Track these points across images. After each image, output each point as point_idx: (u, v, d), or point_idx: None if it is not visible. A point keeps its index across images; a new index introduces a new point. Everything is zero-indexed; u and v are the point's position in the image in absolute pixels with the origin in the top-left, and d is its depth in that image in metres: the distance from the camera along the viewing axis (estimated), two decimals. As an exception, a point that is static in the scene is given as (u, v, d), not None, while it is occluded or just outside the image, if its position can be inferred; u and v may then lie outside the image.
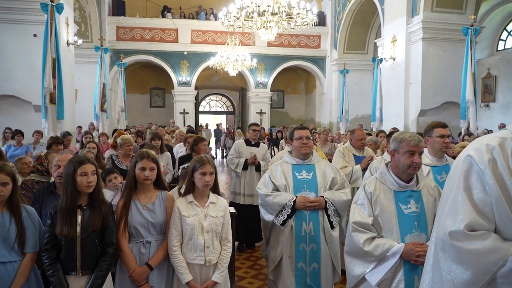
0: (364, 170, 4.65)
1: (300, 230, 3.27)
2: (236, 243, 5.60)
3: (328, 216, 3.30)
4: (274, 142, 12.98)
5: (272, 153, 7.53)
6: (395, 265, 2.39)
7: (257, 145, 6.04)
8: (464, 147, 4.94)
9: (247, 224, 5.77)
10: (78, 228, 2.48)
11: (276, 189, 3.38)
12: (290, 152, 3.57)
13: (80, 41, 12.06)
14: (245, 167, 5.87)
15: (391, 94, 11.76)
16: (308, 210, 3.25)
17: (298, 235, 3.27)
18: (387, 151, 3.82)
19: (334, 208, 3.32)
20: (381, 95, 11.89)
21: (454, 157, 5.53)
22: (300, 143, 3.39)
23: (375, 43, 14.18)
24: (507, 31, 14.76)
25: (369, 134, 8.19)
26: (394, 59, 11.62)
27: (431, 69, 10.63)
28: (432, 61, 10.64)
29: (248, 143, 6.04)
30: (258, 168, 5.90)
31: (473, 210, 1.37)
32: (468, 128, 8.71)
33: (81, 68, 13.34)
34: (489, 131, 11.43)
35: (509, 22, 14.68)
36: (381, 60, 12.05)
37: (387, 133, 6.45)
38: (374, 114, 12.07)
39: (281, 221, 3.27)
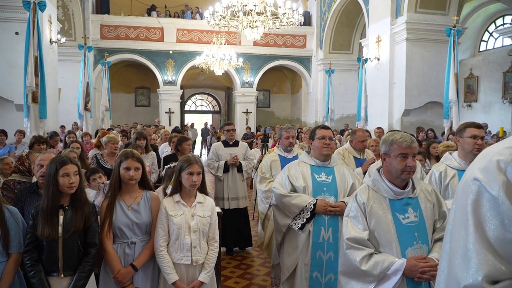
0: (365, 173, 4.41)
1: (318, 236, 3.01)
2: (223, 249, 5.48)
3: None
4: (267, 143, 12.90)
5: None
6: (397, 284, 2.17)
7: (235, 144, 5.77)
8: (448, 146, 4.95)
9: (236, 228, 5.64)
10: (60, 229, 2.44)
11: (293, 190, 3.16)
12: (307, 152, 3.36)
13: (63, 39, 11.88)
14: (226, 169, 5.58)
15: (375, 94, 11.88)
16: (328, 215, 3.01)
17: (315, 241, 3.01)
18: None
19: None
20: (366, 95, 12.01)
21: (438, 157, 5.60)
22: (322, 143, 3.15)
23: (360, 43, 14.29)
24: (488, 32, 15.04)
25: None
26: (378, 59, 11.74)
27: (415, 69, 10.76)
28: (416, 62, 10.78)
29: (226, 144, 5.76)
30: (240, 169, 5.66)
31: (489, 254, 0.99)
32: (451, 128, 8.84)
33: (64, 67, 13.14)
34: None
35: (490, 24, 14.96)
36: (366, 60, 12.15)
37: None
38: (359, 113, 12.17)
39: (300, 225, 3.03)
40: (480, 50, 15.30)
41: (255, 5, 8.63)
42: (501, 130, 11.62)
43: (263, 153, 7.34)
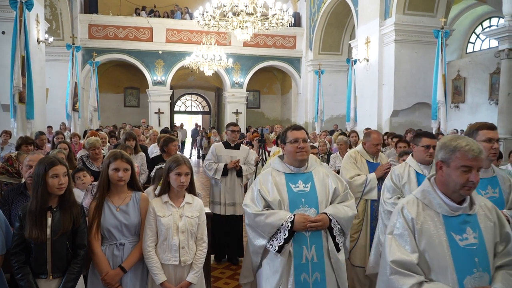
0: (379, 179, 4.07)
1: (300, 257, 2.60)
2: (212, 255, 5.13)
3: (333, 237, 2.67)
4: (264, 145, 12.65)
5: (264, 158, 6.98)
6: None
7: (237, 147, 5.40)
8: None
9: (229, 237, 5.31)
10: (48, 231, 2.41)
11: (267, 205, 2.70)
12: (280, 157, 2.91)
13: (51, 39, 11.75)
14: (225, 172, 5.21)
15: (365, 94, 11.97)
16: (309, 231, 2.61)
17: (298, 263, 2.60)
18: (411, 154, 3.52)
19: (339, 226, 2.70)
20: (355, 95, 12.10)
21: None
22: (295, 147, 2.72)
23: (349, 45, 14.39)
24: (475, 34, 15.25)
25: (344, 134, 8.33)
26: (367, 60, 11.82)
27: (403, 71, 10.87)
28: (404, 63, 10.88)
29: (227, 145, 5.37)
30: (239, 173, 5.30)
31: None
32: (439, 128, 8.95)
33: (52, 67, 13.01)
34: (460, 131, 11.79)
35: (477, 26, 15.17)
36: (355, 61, 12.24)
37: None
38: (348, 114, 12.26)
39: (277, 247, 2.60)
40: (468, 51, 15.51)
41: (246, 6, 8.64)
42: (488, 130, 11.77)
43: (260, 154, 7.17)
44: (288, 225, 2.57)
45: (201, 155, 19.29)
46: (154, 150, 6.86)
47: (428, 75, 9.96)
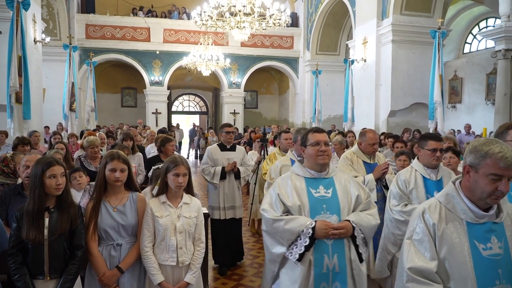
0: (377, 180, 3.97)
1: (321, 266, 2.44)
2: (215, 265, 5.13)
3: (356, 247, 2.51)
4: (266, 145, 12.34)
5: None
6: None
7: (233, 148, 5.25)
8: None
9: (230, 241, 5.15)
10: (46, 231, 2.41)
11: (287, 210, 2.56)
12: (300, 161, 2.80)
13: (48, 39, 11.70)
14: (223, 176, 5.07)
15: (362, 95, 11.98)
16: (331, 239, 2.45)
17: (318, 272, 2.44)
18: (417, 157, 3.45)
19: (362, 235, 2.54)
20: (353, 95, 12.10)
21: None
22: (317, 151, 2.59)
23: (347, 45, 14.40)
24: (472, 34, 15.31)
25: (342, 134, 8.33)
26: (365, 60, 11.84)
27: (401, 71, 10.89)
28: (401, 63, 10.90)
29: (222, 147, 5.23)
30: (237, 176, 5.17)
31: None
32: (436, 129, 8.96)
33: (49, 67, 12.96)
34: (457, 131, 11.83)
35: (474, 26, 15.22)
36: (352, 62, 12.25)
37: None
38: (346, 114, 12.27)
39: (297, 255, 2.44)
40: (464, 52, 15.56)
41: (243, 6, 8.63)
42: (485, 131, 11.83)
43: (262, 154, 7.00)
44: (309, 232, 2.42)
45: (198, 155, 19.29)
46: (151, 150, 6.86)
47: (425, 75, 9.98)
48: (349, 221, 2.50)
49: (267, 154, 6.77)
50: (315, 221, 2.45)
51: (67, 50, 11.37)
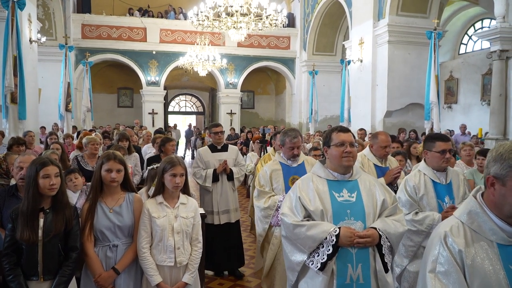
0: (388, 185, 3.66)
1: (344, 277, 2.26)
2: (211, 273, 4.92)
3: (382, 256, 2.31)
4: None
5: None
6: None
7: (224, 149, 5.00)
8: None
9: (227, 247, 4.87)
10: (40, 232, 2.40)
11: (308, 215, 2.39)
12: (322, 162, 2.61)
13: (43, 39, 11.67)
14: (215, 178, 4.81)
15: (358, 95, 12.01)
16: (356, 247, 2.27)
17: (341, 283, 2.26)
18: (424, 159, 3.23)
19: (389, 244, 2.35)
20: (349, 96, 12.14)
21: (418, 157, 5.68)
22: (341, 152, 2.40)
23: (343, 45, 14.43)
24: (468, 35, 15.37)
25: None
26: (361, 61, 11.87)
27: (397, 71, 10.92)
28: (397, 64, 10.93)
29: (213, 149, 4.96)
30: (230, 177, 4.90)
31: None
32: (432, 129, 8.99)
33: (44, 67, 12.91)
34: (451, 131, 11.88)
35: (470, 27, 15.29)
36: (349, 62, 12.28)
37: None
38: (342, 115, 12.29)
39: (319, 264, 2.27)
40: (460, 52, 15.63)
41: (241, 6, 8.63)
42: (480, 131, 11.89)
43: (261, 156, 6.75)
44: (333, 240, 2.24)
45: (195, 155, 19.22)
46: (148, 150, 6.83)
47: (421, 76, 10.02)
48: (375, 228, 2.30)
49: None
50: (339, 228, 2.27)
51: (63, 50, 11.33)
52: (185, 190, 2.92)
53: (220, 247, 4.84)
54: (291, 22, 17.41)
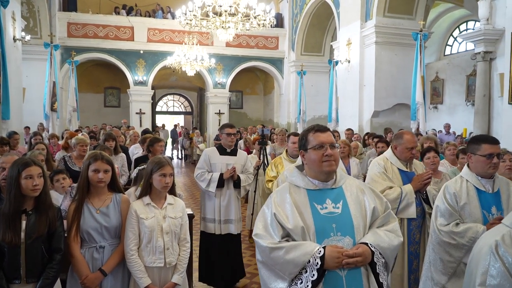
0: (416, 192, 3.32)
1: None
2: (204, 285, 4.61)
3: (376, 275, 1.96)
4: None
5: (266, 162, 6.13)
6: None
7: (234, 153, 4.56)
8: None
9: (226, 260, 4.53)
10: (22, 234, 2.35)
11: (286, 234, 1.99)
12: (299, 167, 2.22)
13: (28, 37, 11.48)
14: (220, 184, 4.38)
15: (346, 95, 12.08)
16: (346, 268, 1.91)
17: None
18: (467, 164, 2.84)
19: (383, 260, 2.00)
20: (337, 96, 12.21)
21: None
22: (321, 155, 2.03)
23: (331, 46, 14.50)
24: (453, 37, 15.59)
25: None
26: (349, 61, 11.94)
27: (384, 72, 11.02)
28: (384, 64, 11.03)
29: (222, 151, 4.53)
30: (237, 184, 4.48)
31: None
32: (418, 129, 9.10)
33: (29, 66, 12.70)
34: (438, 132, 12.03)
35: (455, 29, 15.51)
36: (336, 63, 12.35)
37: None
38: (330, 115, 12.36)
39: None
40: (445, 54, 15.84)
41: (230, 6, 8.61)
42: (465, 131, 12.07)
43: (261, 158, 6.38)
44: (317, 263, 1.86)
45: (183, 155, 19.21)
46: (135, 151, 6.77)
47: (408, 77, 10.12)
48: (366, 243, 1.95)
49: (267, 158, 6.27)
50: (324, 248, 1.89)
51: (48, 48, 11.17)
52: (171, 190, 2.90)
53: (219, 260, 4.51)
54: (279, 22, 17.44)
